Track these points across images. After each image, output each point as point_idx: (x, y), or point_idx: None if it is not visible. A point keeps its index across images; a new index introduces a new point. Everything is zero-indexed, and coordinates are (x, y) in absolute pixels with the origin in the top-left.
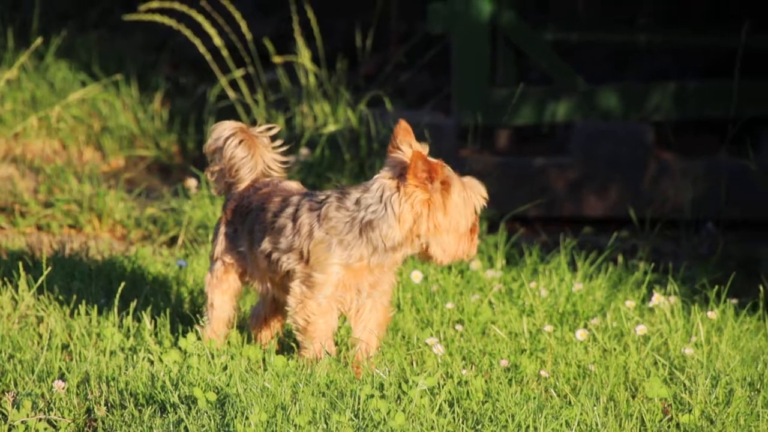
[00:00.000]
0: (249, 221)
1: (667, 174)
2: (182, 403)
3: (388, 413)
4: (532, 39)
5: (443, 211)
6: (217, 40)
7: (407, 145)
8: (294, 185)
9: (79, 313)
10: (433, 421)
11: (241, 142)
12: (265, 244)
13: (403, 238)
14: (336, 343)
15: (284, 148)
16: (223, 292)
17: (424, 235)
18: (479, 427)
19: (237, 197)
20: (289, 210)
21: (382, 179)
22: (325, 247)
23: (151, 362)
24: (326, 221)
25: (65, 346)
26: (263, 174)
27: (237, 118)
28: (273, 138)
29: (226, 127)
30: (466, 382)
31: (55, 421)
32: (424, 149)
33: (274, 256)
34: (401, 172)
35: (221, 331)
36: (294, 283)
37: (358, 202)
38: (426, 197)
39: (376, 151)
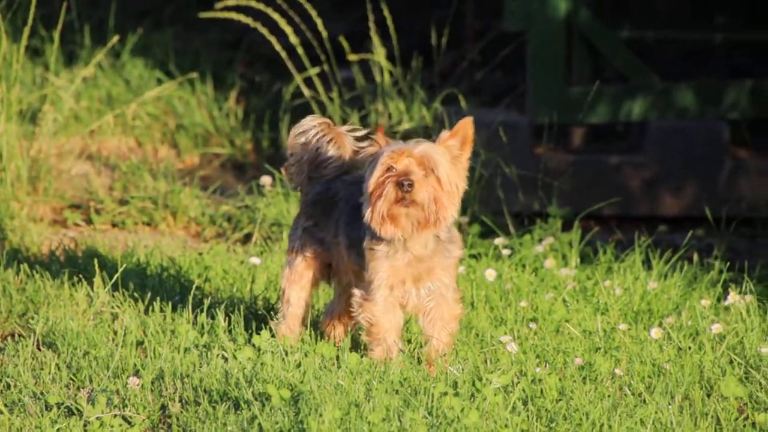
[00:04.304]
0: (336, 212)
1: (742, 172)
2: (256, 399)
3: (461, 411)
4: (608, 37)
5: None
6: (293, 38)
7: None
8: None
9: (153, 310)
10: (507, 419)
11: (331, 139)
12: (345, 237)
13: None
14: (409, 341)
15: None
16: (301, 288)
17: None
18: (553, 425)
19: (320, 189)
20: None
21: None
22: (369, 245)
23: (225, 359)
24: None
25: (140, 343)
26: (347, 171)
27: None
28: (358, 139)
29: (315, 122)
30: (540, 380)
31: (130, 417)
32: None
33: (351, 249)
34: None
35: (296, 328)
36: (356, 286)
37: None
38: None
39: None
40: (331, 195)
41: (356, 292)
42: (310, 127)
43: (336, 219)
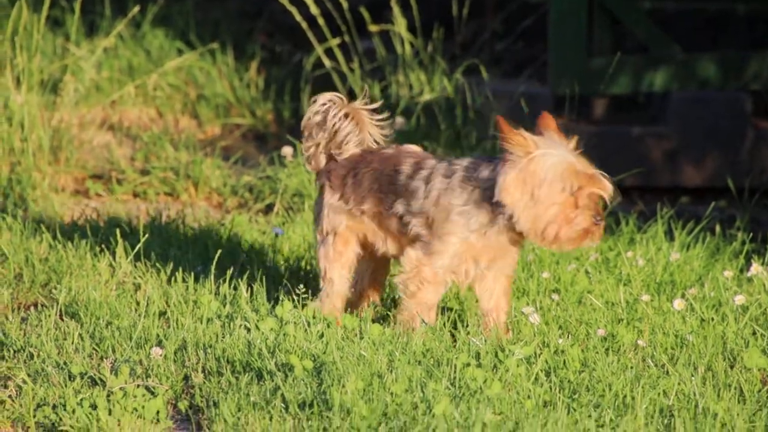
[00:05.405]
0: (374, 183)
1: (765, 143)
2: (279, 370)
3: (484, 382)
4: (629, 7)
5: (530, 182)
6: (314, 9)
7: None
8: (418, 149)
9: (176, 281)
10: (530, 390)
11: (346, 114)
12: (398, 206)
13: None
14: (445, 310)
15: (387, 122)
16: (342, 266)
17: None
18: (576, 396)
19: (346, 163)
20: (424, 173)
21: None
22: (447, 216)
23: (248, 330)
24: (451, 191)
25: (162, 313)
26: (368, 147)
27: (333, 87)
28: (374, 111)
29: (329, 98)
30: (562, 352)
31: (153, 387)
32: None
33: (406, 218)
34: None
35: (341, 306)
36: (411, 247)
37: (484, 175)
38: (514, 168)
39: (472, 119)
40: (363, 166)
41: (412, 253)
42: (325, 103)
43: (375, 189)
